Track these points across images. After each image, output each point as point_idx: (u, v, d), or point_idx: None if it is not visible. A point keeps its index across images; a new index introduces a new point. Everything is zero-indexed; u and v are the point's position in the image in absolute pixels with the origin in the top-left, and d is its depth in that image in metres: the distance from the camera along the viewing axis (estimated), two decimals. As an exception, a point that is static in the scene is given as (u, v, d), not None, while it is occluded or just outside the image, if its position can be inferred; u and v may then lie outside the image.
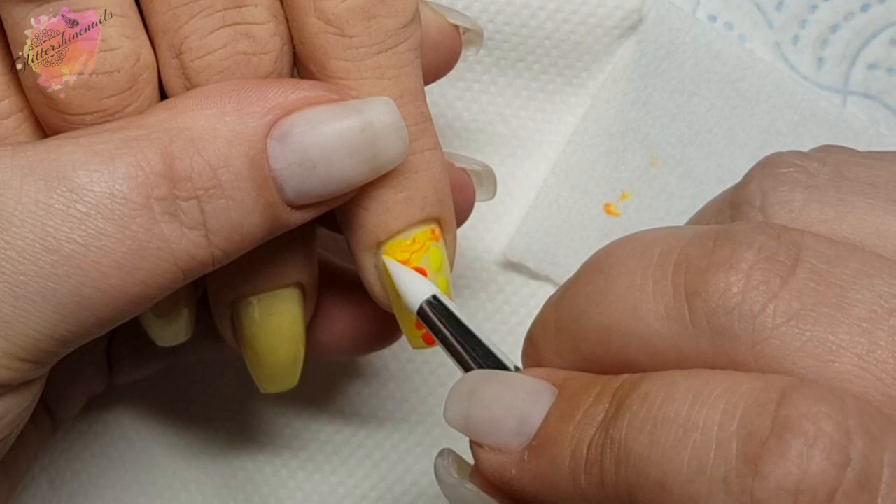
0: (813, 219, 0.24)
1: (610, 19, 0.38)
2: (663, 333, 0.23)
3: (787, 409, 0.21)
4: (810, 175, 0.25)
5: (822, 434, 0.20)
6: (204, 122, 0.27)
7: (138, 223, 0.26)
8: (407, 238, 0.29)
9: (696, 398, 0.22)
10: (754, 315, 0.22)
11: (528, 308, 0.40)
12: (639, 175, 0.40)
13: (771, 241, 0.23)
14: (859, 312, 0.22)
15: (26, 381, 0.27)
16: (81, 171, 0.26)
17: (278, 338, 0.31)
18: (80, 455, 0.39)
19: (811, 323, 0.22)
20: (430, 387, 0.40)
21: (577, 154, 0.39)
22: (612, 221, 0.40)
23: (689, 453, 0.21)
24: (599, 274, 0.25)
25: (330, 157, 0.27)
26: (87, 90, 0.27)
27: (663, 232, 0.24)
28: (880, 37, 0.40)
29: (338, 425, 0.40)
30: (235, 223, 0.27)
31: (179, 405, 0.40)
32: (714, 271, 0.22)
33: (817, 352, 0.22)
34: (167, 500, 0.40)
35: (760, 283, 0.22)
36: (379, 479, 0.40)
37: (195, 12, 0.27)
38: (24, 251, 0.25)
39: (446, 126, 0.39)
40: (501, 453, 0.25)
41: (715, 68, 0.40)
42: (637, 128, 0.40)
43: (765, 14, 0.40)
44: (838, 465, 0.20)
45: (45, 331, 0.26)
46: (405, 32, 0.28)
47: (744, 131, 0.40)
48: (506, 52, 0.39)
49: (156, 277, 0.26)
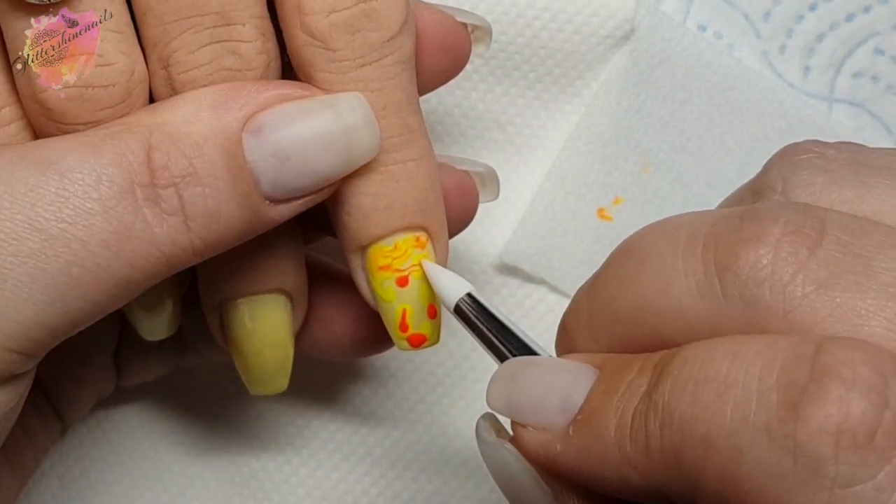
0: (833, 199, 0.25)
1: (603, 29, 0.38)
2: (697, 309, 0.23)
3: (825, 357, 0.21)
4: (829, 160, 0.26)
5: (860, 378, 0.20)
6: (181, 118, 0.27)
7: (123, 205, 0.26)
8: (389, 244, 0.30)
9: (735, 356, 0.22)
10: (784, 285, 0.22)
11: (523, 309, 0.40)
12: (631, 181, 0.40)
13: (797, 215, 0.23)
14: (885, 279, 0.22)
15: (14, 376, 0.27)
16: (70, 157, 0.26)
17: (263, 342, 0.32)
18: (89, 452, 0.40)
19: (839, 290, 0.22)
20: (429, 385, 0.40)
21: (572, 160, 0.39)
22: (606, 226, 0.40)
23: (731, 407, 0.21)
24: (630, 258, 0.25)
25: (303, 149, 0.28)
26: (82, 102, 0.27)
27: (690, 216, 0.25)
28: (865, 46, 0.40)
29: (339, 423, 0.40)
30: (213, 211, 0.27)
31: (185, 404, 0.40)
32: (743, 245, 0.23)
33: (847, 317, 0.22)
34: (173, 495, 0.40)
35: (789, 254, 0.22)
36: (379, 476, 0.40)
37: (185, 28, 0.28)
38: (13, 232, 0.26)
39: (444, 132, 0.40)
40: (545, 432, 0.25)
41: (705, 77, 0.40)
42: (630, 135, 0.40)
43: (753, 24, 0.40)
44: (877, 406, 0.20)
45: (34, 315, 0.26)
46: (390, 46, 0.29)
47: (733, 138, 0.40)
48: (502, 62, 0.39)
49: (141, 260, 0.27)
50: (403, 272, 0.30)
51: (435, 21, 0.31)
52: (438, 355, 0.40)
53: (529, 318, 0.40)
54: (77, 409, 0.37)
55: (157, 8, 0.28)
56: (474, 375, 0.40)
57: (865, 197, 0.25)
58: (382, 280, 0.30)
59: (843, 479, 0.20)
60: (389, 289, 0.30)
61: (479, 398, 0.40)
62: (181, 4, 0.28)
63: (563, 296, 0.40)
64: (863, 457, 0.20)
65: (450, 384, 0.40)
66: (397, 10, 0.28)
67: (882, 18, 0.40)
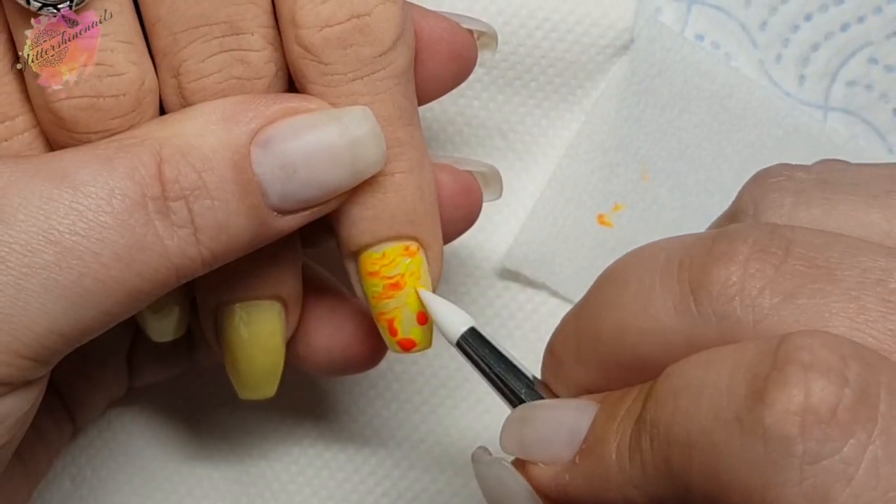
0: (802, 218, 0.26)
1: (603, 38, 0.38)
2: (674, 326, 0.24)
3: (786, 346, 0.22)
4: (797, 182, 0.26)
5: (819, 359, 0.21)
6: (191, 131, 0.27)
7: (135, 218, 0.26)
8: (378, 252, 0.30)
9: (708, 363, 0.23)
10: (753, 298, 0.23)
11: (524, 313, 0.40)
12: (631, 188, 0.40)
13: (764, 235, 0.24)
14: (847, 284, 0.23)
15: (27, 382, 0.27)
16: (83, 171, 0.26)
17: (256, 347, 0.32)
18: (100, 452, 0.40)
19: (804, 297, 0.23)
20: (432, 387, 0.40)
21: (572, 167, 0.40)
22: (606, 232, 0.40)
23: (705, 406, 0.22)
24: (612, 283, 0.26)
25: (310, 162, 0.28)
26: (94, 111, 0.28)
27: (666, 241, 0.26)
28: (859, 55, 0.40)
29: (344, 423, 0.40)
30: (221, 223, 0.27)
31: (194, 406, 0.40)
32: (714, 264, 0.24)
33: (812, 321, 0.23)
34: (182, 495, 0.40)
35: (757, 270, 0.23)
36: (383, 476, 0.40)
37: (194, 38, 0.28)
38: (28, 244, 0.26)
39: (447, 140, 0.40)
40: (555, 465, 0.26)
41: (703, 86, 0.40)
42: (629, 143, 0.40)
43: (749, 34, 0.40)
44: (836, 384, 0.21)
45: (48, 325, 0.26)
46: (383, 60, 0.29)
47: (731, 146, 0.40)
48: (504, 71, 0.39)
49: (152, 272, 0.27)
50: (392, 279, 0.30)
51: (441, 28, 0.31)
52: (441, 358, 0.40)
53: (531, 322, 0.40)
54: (89, 411, 0.37)
55: (166, 18, 0.28)
56: (477, 377, 0.40)
57: (832, 213, 0.26)
58: (372, 286, 0.30)
59: (810, 456, 0.21)
60: (379, 294, 0.30)
61: (481, 400, 0.40)
62: (190, 14, 0.28)
63: (563, 300, 0.40)
64: (827, 432, 0.21)
65: (453, 386, 0.40)
66: (391, 25, 0.28)
67: (876, 28, 0.40)
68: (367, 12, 0.28)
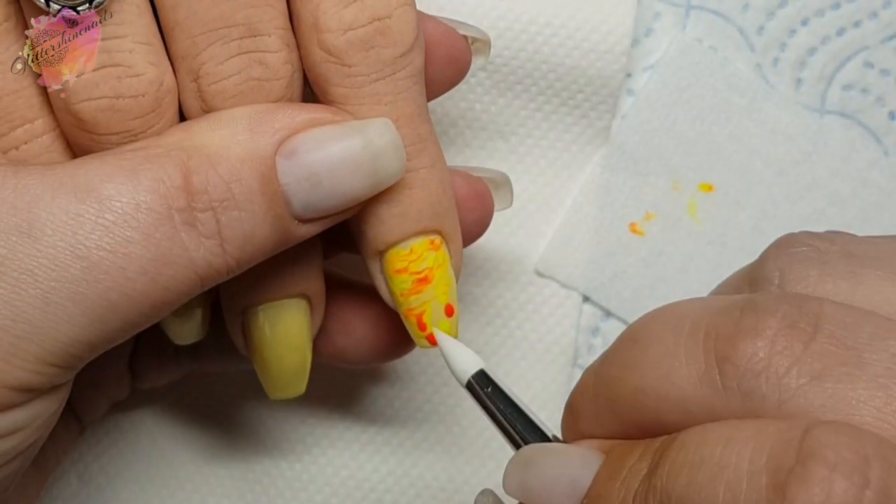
0: (828, 291, 0.25)
1: (602, 44, 0.39)
2: (696, 396, 0.24)
3: (810, 441, 0.21)
4: (822, 253, 0.26)
5: (843, 460, 0.21)
6: (218, 141, 0.28)
7: (161, 232, 0.26)
8: (405, 248, 0.30)
9: (728, 441, 0.22)
10: (780, 377, 0.23)
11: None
12: (661, 197, 0.41)
13: (792, 309, 0.23)
14: (876, 370, 0.22)
15: (54, 386, 0.27)
16: (108, 185, 0.26)
17: (284, 346, 0.32)
18: (106, 451, 0.40)
19: (832, 381, 0.22)
20: (435, 386, 0.40)
21: (605, 177, 0.40)
22: (637, 240, 0.41)
23: (723, 488, 0.22)
24: (635, 344, 0.25)
25: (334, 173, 0.28)
26: (113, 112, 0.28)
27: (692, 304, 0.25)
28: (855, 59, 0.40)
29: (348, 423, 0.40)
30: (248, 233, 0.28)
31: (198, 406, 0.40)
32: (742, 338, 0.23)
33: (838, 406, 0.22)
34: (188, 492, 0.40)
35: (784, 348, 0.23)
36: (387, 473, 0.40)
37: (213, 41, 0.28)
38: (56, 259, 0.26)
39: (450, 143, 0.40)
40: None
41: (733, 100, 0.40)
42: (660, 154, 0.40)
43: (747, 38, 0.40)
44: (858, 485, 0.21)
45: (74, 335, 0.26)
46: (403, 61, 0.29)
47: (760, 159, 0.41)
48: (505, 76, 0.39)
49: (177, 283, 0.27)
50: (420, 274, 0.30)
51: (439, 33, 0.31)
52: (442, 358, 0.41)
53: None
54: (93, 411, 0.37)
55: (185, 22, 0.28)
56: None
57: (858, 288, 0.25)
58: (400, 283, 0.31)
59: None
60: (408, 291, 0.31)
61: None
62: (209, 17, 0.28)
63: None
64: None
65: (455, 384, 0.39)
66: (409, 27, 0.29)
67: (872, 33, 0.40)
68: (388, 15, 0.29)
